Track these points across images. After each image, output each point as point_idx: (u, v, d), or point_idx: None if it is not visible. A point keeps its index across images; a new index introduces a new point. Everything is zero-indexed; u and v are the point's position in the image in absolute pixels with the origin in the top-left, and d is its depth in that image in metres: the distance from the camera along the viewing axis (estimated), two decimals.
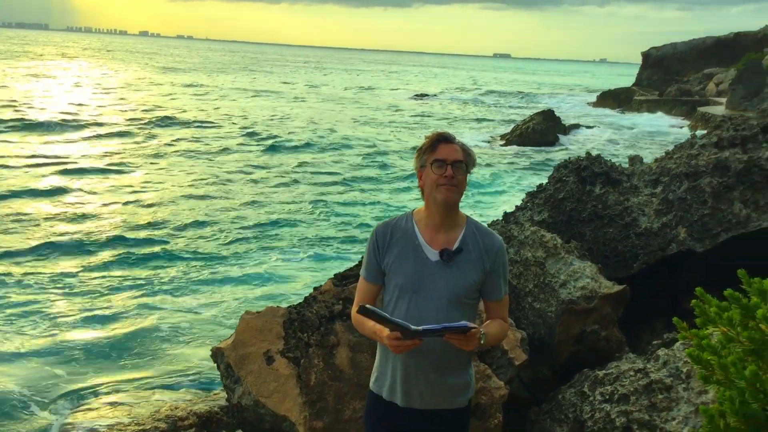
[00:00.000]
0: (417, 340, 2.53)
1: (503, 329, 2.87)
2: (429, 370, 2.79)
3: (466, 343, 2.54)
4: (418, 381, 2.81)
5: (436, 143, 2.77)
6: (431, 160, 2.75)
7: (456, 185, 2.74)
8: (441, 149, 2.75)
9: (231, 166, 21.99)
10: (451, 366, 2.83)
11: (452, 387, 2.86)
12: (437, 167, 2.73)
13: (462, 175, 2.76)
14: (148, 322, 9.11)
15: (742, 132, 5.98)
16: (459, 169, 2.74)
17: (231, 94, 51.22)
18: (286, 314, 4.74)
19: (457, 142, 2.80)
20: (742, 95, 35.67)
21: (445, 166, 2.72)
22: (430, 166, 2.75)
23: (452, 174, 2.72)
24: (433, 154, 2.76)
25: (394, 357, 2.84)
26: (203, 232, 13.90)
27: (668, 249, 5.68)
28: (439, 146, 2.76)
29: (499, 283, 2.86)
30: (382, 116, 41.71)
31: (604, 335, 5.01)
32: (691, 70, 56.94)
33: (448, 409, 2.88)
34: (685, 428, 3.74)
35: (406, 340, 2.52)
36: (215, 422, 6.06)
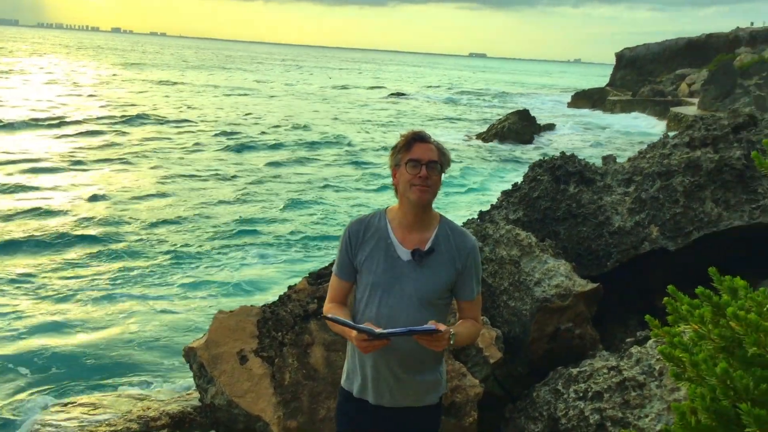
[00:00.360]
0: (385, 340, 2.52)
1: (475, 330, 2.86)
2: (399, 368, 2.78)
3: (434, 344, 2.53)
4: (388, 379, 2.80)
5: (411, 142, 2.75)
6: (406, 159, 2.73)
7: (430, 186, 2.72)
8: (416, 149, 2.73)
9: (203, 164, 21.75)
10: (421, 364, 2.82)
11: (422, 385, 2.85)
12: (411, 167, 2.71)
13: (436, 175, 2.74)
14: (119, 322, 8.99)
15: (714, 132, 6.05)
16: (433, 170, 2.72)
17: (205, 92, 50.80)
18: (260, 313, 4.70)
19: (432, 142, 2.78)
20: (713, 96, 36.21)
21: (419, 167, 2.70)
22: (405, 165, 2.73)
23: (426, 175, 2.70)
24: (407, 154, 2.73)
25: (364, 355, 2.82)
26: (174, 231, 13.75)
27: (641, 247, 5.74)
28: (414, 146, 2.74)
29: (471, 283, 2.85)
30: (358, 115, 41.63)
31: (578, 333, 5.04)
32: (664, 70, 57.68)
33: (419, 407, 2.88)
34: (658, 425, 3.77)
35: (373, 341, 2.51)
36: (188, 422, 6.00)
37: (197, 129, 30.00)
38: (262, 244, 13.38)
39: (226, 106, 41.40)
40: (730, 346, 1.83)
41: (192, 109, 38.17)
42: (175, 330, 8.82)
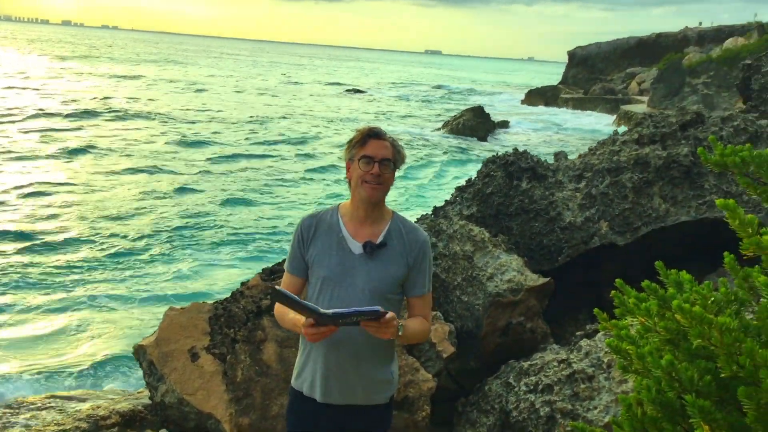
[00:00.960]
0: (332, 326, 2.48)
1: (424, 328, 2.84)
2: (349, 365, 2.76)
3: (382, 331, 2.49)
4: (338, 376, 2.78)
5: (366, 138, 2.74)
6: (360, 155, 2.72)
7: (381, 183, 2.73)
8: (370, 145, 2.72)
9: (151, 159, 21.30)
10: (372, 361, 2.80)
11: (373, 383, 2.83)
12: (365, 163, 2.70)
13: (389, 172, 2.75)
14: (65, 320, 8.78)
15: (662, 129, 6.18)
16: (386, 167, 2.72)
17: (156, 86, 49.83)
18: (212, 310, 4.64)
19: (387, 138, 2.77)
20: (662, 94, 37.09)
21: (372, 164, 2.70)
22: (358, 161, 2.72)
23: (379, 172, 2.70)
24: (362, 150, 2.73)
25: (315, 352, 2.80)
26: (120, 228, 13.46)
27: (591, 242, 5.83)
28: (369, 142, 2.73)
29: (422, 279, 2.85)
30: (312, 110, 41.34)
31: (530, 327, 5.10)
32: (614, 69, 58.84)
33: (368, 406, 2.85)
34: (606, 417, 3.84)
35: (320, 327, 2.47)
36: (139, 421, 5.89)
37: (146, 124, 29.39)
38: (211, 240, 13.17)
39: (178, 100, 40.69)
40: (676, 338, 1.86)
41: (143, 102, 37.40)
42: (124, 328, 8.66)
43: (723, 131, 6.07)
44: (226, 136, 27.74)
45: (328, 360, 2.77)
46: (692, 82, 36.89)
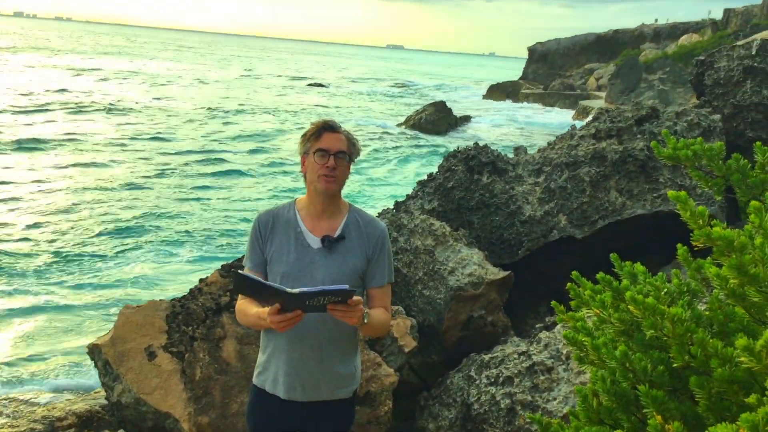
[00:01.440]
0: (299, 311, 2.45)
1: (386, 318, 2.84)
2: (313, 361, 2.75)
3: (348, 315, 2.46)
4: (301, 372, 2.76)
5: (320, 131, 2.73)
6: (314, 148, 2.71)
7: (337, 176, 2.72)
8: (325, 138, 2.72)
9: (106, 155, 20.70)
10: (335, 355, 2.79)
11: (337, 377, 2.82)
12: (320, 157, 2.70)
13: (344, 165, 2.75)
14: (17, 321, 8.55)
15: (618, 124, 6.28)
16: (341, 160, 2.72)
17: (111, 79, 48.78)
18: (170, 307, 4.56)
19: (342, 132, 2.76)
20: (619, 89, 37.70)
21: (327, 157, 2.69)
22: (313, 154, 2.71)
23: (334, 165, 2.69)
24: (316, 143, 2.72)
25: (277, 349, 2.78)
26: (72, 225, 13.10)
27: (550, 236, 5.90)
28: (323, 135, 2.72)
29: (382, 270, 2.85)
30: (274, 105, 40.91)
31: (491, 320, 5.14)
32: (573, 65, 59.67)
33: (332, 401, 2.85)
34: (565, 407, 3.89)
35: (287, 312, 2.45)
36: (96, 421, 5.80)
37: (101, 117, 28.69)
38: (165, 237, 12.93)
39: (133, 93, 39.90)
40: (630, 329, 1.89)
41: (97, 95, 36.53)
42: (77, 327, 8.48)
43: (677, 126, 6.19)
44: (182, 130, 27.18)
45: (291, 356, 2.75)
46: (648, 78, 37.58)
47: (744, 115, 6.82)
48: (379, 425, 4.38)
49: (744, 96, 6.84)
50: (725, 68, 7.06)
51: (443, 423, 4.54)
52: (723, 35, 39.56)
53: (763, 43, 7.04)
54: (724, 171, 2.28)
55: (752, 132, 6.74)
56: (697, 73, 7.47)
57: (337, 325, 2.74)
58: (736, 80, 6.94)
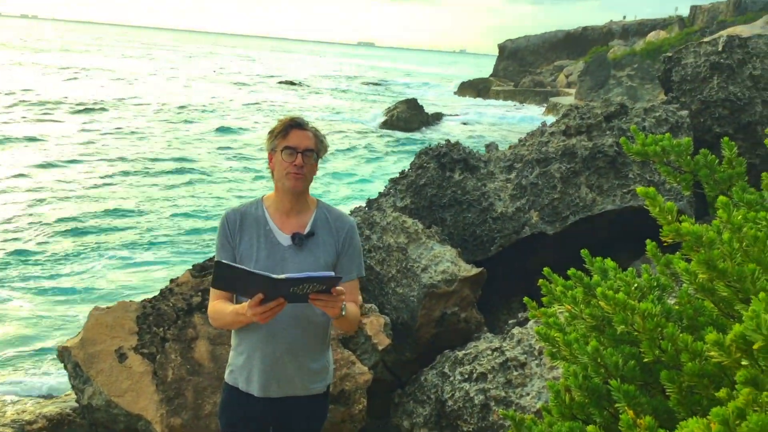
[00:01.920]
0: (282, 300, 2.42)
1: (357, 312, 2.85)
2: (286, 356, 2.75)
3: (330, 305, 2.47)
4: (275, 367, 2.76)
5: (288, 129, 2.72)
6: (282, 146, 2.70)
7: (304, 174, 2.72)
8: (292, 136, 2.70)
9: (62, 152, 20.18)
10: (307, 350, 2.80)
11: (310, 372, 2.83)
12: (287, 155, 2.69)
13: (312, 163, 2.74)
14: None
15: (588, 120, 6.33)
16: (309, 158, 2.72)
17: (78, 77, 47.92)
18: (140, 308, 4.50)
19: (309, 129, 2.76)
20: (589, 86, 38.12)
21: (295, 154, 2.68)
22: (281, 152, 2.70)
23: (302, 163, 2.69)
24: (284, 140, 2.71)
25: (250, 346, 2.78)
26: (36, 226, 12.83)
27: (522, 232, 5.93)
28: (290, 132, 2.71)
29: (351, 264, 2.86)
30: (244, 102, 40.40)
31: (464, 317, 5.15)
32: (543, 62, 60.15)
33: (306, 396, 2.85)
34: (538, 403, 3.91)
35: (268, 302, 2.42)
36: (67, 424, 5.70)
37: (65, 115, 28.09)
38: (129, 238, 12.69)
39: (100, 90, 39.19)
40: (601, 324, 1.90)
41: (63, 93, 35.78)
42: (49, 329, 8.33)
43: (645, 122, 6.26)
44: (147, 128, 26.66)
45: (264, 353, 2.75)
46: (617, 75, 38.03)
47: (711, 111, 6.92)
48: (353, 423, 4.37)
49: (711, 92, 6.94)
50: (692, 65, 7.16)
51: (417, 420, 4.55)
52: (690, 32, 40.16)
53: (729, 40, 7.15)
54: (692, 166, 2.31)
55: (719, 128, 6.84)
56: (664, 69, 7.57)
57: (309, 322, 2.75)
58: (702, 76, 7.04)
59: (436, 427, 4.43)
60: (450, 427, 4.34)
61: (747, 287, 1.59)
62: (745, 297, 1.60)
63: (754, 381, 1.33)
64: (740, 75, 6.93)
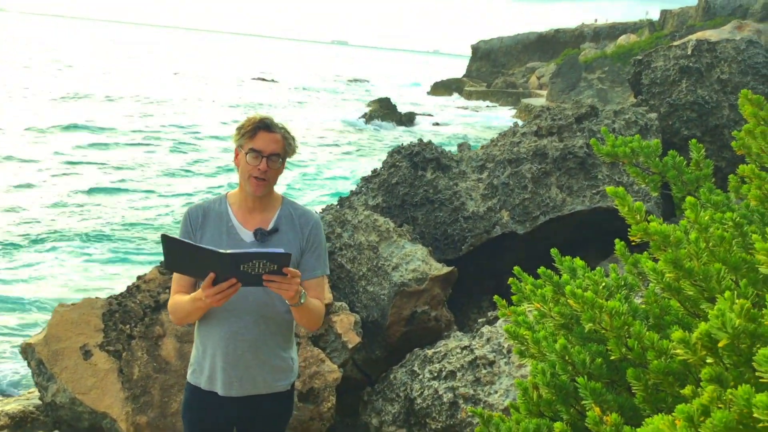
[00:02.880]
0: (234, 280, 2.36)
1: (321, 306, 2.80)
2: (248, 354, 2.72)
3: (285, 287, 2.41)
4: (237, 366, 2.73)
5: (256, 130, 2.65)
6: (248, 147, 2.64)
7: (267, 179, 2.67)
8: (259, 138, 2.64)
9: (15, 147, 19.78)
10: (271, 348, 2.76)
11: (273, 370, 2.80)
12: (252, 158, 2.63)
13: (277, 167, 2.69)
14: None
15: (559, 122, 6.39)
16: (274, 162, 2.66)
17: (38, 68, 46.89)
18: (106, 305, 4.43)
19: (278, 131, 2.68)
20: (560, 88, 38.47)
21: (260, 159, 2.63)
22: (246, 154, 2.65)
23: (266, 168, 2.64)
24: (250, 141, 2.64)
25: (212, 344, 2.74)
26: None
27: (493, 231, 5.96)
28: (258, 134, 2.64)
29: (315, 262, 2.82)
30: (213, 100, 39.61)
31: (434, 315, 5.16)
32: (516, 63, 60.57)
33: (270, 394, 2.82)
34: (506, 400, 3.93)
35: (221, 282, 2.38)
36: (30, 422, 5.59)
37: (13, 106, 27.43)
38: (86, 234, 12.44)
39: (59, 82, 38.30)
40: (569, 323, 1.92)
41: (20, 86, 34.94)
42: (11, 325, 8.17)
43: (615, 124, 6.33)
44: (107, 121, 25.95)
45: (226, 351, 2.71)
46: (588, 77, 38.46)
47: (679, 114, 7.03)
48: (322, 421, 4.35)
49: (680, 95, 7.04)
50: (662, 68, 7.26)
51: (386, 418, 4.55)
52: (660, 36, 40.75)
53: (698, 44, 7.27)
54: (660, 168, 2.33)
55: (687, 130, 6.95)
56: (634, 72, 7.67)
57: (272, 319, 2.72)
58: (672, 80, 7.15)
59: (405, 425, 4.43)
60: (419, 425, 4.34)
61: (712, 286, 1.61)
62: (711, 296, 1.62)
63: (718, 378, 1.35)
64: (708, 79, 7.05)
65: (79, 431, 4.32)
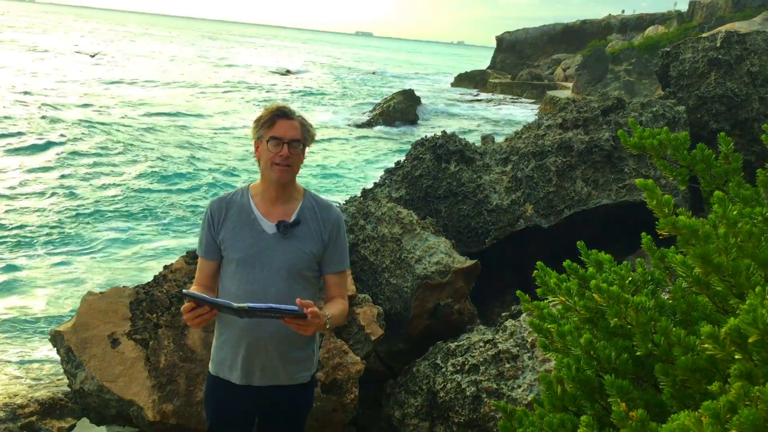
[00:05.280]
0: (214, 309, 2.45)
1: (344, 308, 2.83)
2: (270, 345, 2.74)
3: (305, 329, 2.47)
4: (259, 357, 2.75)
5: (274, 118, 2.68)
6: (268, 136, 2.67)
7: (291, 165, 2.70)
8: (279, 126, 2.67)
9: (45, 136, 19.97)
10: (292, 340, 2.78)
11: (294, 362, 2.82)
12: (273, 145, 2.66)
13: (299, 153, 2.72)
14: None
15: (584, 114, 6.33)
16: (295, 148, 2.69)
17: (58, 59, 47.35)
18: (134, 294, 4.49)
19: (296, 118, 2.72)
20: (586, 80, 38.04)
21: (281, 145, 2.65)
22: (267, 142, 2.67)
23: (288, 154, 2.66)
24: (270, 130, 2.67)
25: (233, 335, 2.77)
26: (33, 211, 12.75)
27: (517, 225, 5.93)
28: (277, 122, 2.68)
29: (337, 256, 2.84)
30: (234, 93, 39.59)
31: (457, 308, 5.16)
32: (541, 55, 60.00)
33: (290, 386, 2.85)
34: (530, 395, 3.92)
35: (197, 310, 2.43)
36: (59, 409, 5.70)
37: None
38: (132, 225, 12.62)
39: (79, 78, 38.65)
40: (594, 317, 1.90)
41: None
42: (39, 313, 8.31)
43: (642, 116, 6.26)
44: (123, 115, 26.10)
45: (248, 342, 2.74)
46: (615, 69, 37.97)
47: (708, 107, 6.92)
48: (345, 413, 4.38)
49: (708, 88, 6.94)
50: (690, 60, 7.16)
51: (409, 410, 4.56)
52: (688, 27, 40.11)
53: (728, 36, 7.15)
54: (688, 161, 2.30)
55: (716, 123, 6.85)
56: (662, 64, 7.56)
57: None
58: (700, 72, 7.04)
59: (428, 417, 4.44)
60: (441, 418, 4.35)
61: (742, 282, 1.59)
62: (740, 292, 1.60)
63: (747, 375, 1.33)
64: (738, 71, 6.93)
65: (107, 418, 4.39)
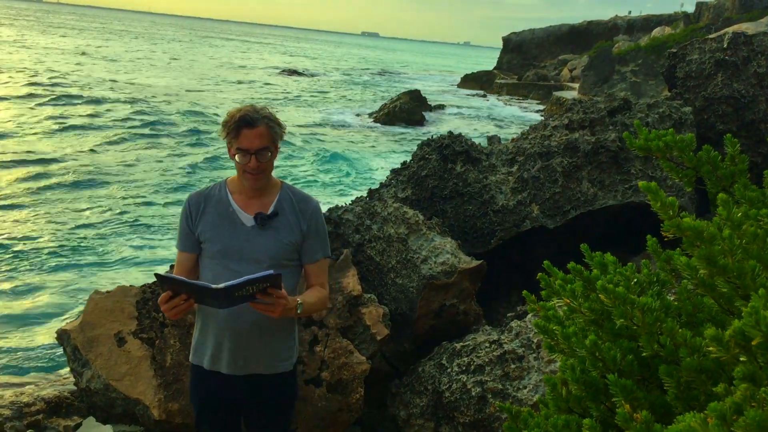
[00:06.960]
0: (186, 297, 2.45)
1: (322, 297, 2.87)
2: (251, 335, 2.77)
3: (270, 309, 2.49)
4: (240, 347, 2.78)
5: (239, 129, 2.66)
6: (235, 147, 2.68)
7: (261, 172, 2.72)
8: (243, 137, 2.65)
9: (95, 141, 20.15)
10: (273, 329, 2.81)
11: (275, 351, 2.86)
12: (241, 156, 2.67)
13: (268, 158, 2.72)
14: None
15: (591, 115, 6.32)
16: (264, 155, 2.69)
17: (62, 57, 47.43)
18: (140, 293, 4.51)
19: (260, 124, 2.67)
20: (593, 81, 37.97)
21: (248, 156, 2.66)
22: (235, 153, 2.69)
23: (256, 164, 2.68)
24: (236, 141, 2.67)
25: (214, 325, 2.80)
26: (40, 213, 12.82)
27: (523, 225, 5.93)
28: (242, 132, 2.65)
29: (316, 246, 2.87)
30: (239, 94, 39.66)
31: (463, 309, 5.16)
32: (547, 55, 59.93)
33: (273, 375, 2.88)
34: (535, 396, 3.92)
35: (174, 300, 2.45)
36: (65, 407, 5.73)
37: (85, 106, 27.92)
38: (139, 226, 12.67)
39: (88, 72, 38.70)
40: (600, 318, 1.90)
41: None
42: (48, 312, 8.35)
43: (649, 117, 6.25)
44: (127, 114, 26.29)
45: (229, 332, 2.77)
46: (621, 70, 37.89)
47: (714, 108, 6.91)
48: (350, 412, 4.38)
49: (715, 89, 6.92)
50: (697, 61, 7.14)
51: (414, 410, 4.56)
52: (695, 28, 39.98)
53: (735, 37, 7.13)
54: (694, 162, 2.30)
55: (722, 125, 6.83)
56: (669, 65, 7.54)
57: None
58: (707, 73, 7.02)
59: (433, 418, 4.44)
60: (446, 419, 4.35)
61: (747, 284, 1.59)
62: (745, 293, 1.60)
63: (752, 377, 1.33)
64: (745, 72, 6.91)
65: (113, 417, 4.41)
